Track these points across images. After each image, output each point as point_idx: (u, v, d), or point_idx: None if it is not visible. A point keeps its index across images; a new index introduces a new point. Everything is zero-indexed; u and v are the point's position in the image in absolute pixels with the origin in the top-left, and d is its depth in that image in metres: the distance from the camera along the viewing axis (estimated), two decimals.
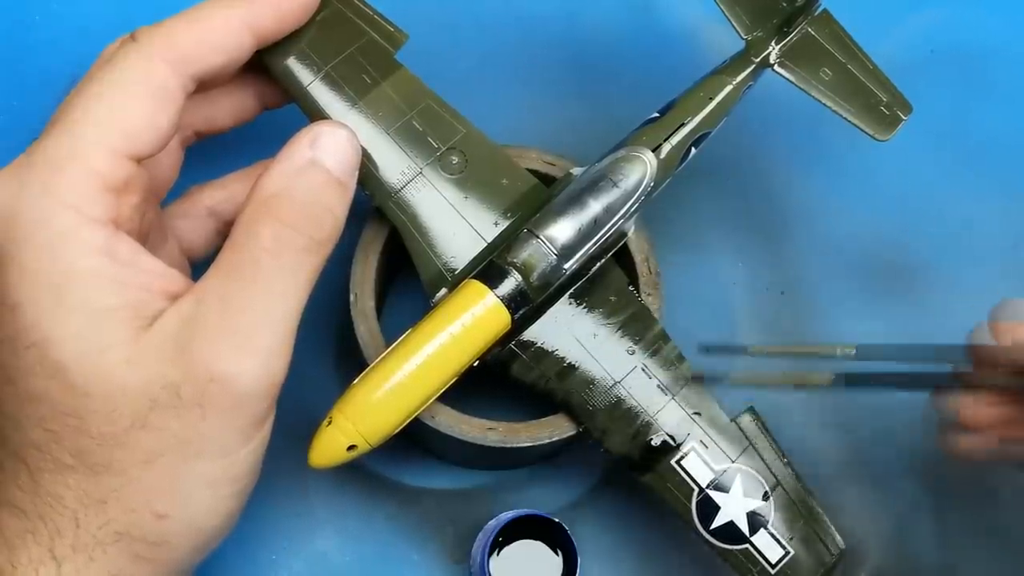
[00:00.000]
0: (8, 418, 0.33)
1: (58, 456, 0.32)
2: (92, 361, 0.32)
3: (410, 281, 0.43)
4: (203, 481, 0.33)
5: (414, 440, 0.45)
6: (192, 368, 0.32)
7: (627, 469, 0.40)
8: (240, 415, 0.33)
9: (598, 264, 0.41)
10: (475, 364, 0.38)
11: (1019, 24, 0.55)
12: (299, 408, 0.38)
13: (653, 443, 0.40)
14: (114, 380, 0.32)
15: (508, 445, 0.39)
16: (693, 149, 0.42)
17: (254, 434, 0.34)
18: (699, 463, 0.40)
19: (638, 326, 0.41)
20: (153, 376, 0.32)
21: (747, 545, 0.39)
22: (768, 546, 0.40)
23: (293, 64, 0.40)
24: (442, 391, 0.38)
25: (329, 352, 0.47)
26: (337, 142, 0.36)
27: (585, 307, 0.41)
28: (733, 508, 0.40)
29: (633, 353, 0.40)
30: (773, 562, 0.39)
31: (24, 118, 0.47)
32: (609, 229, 0.39)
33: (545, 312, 0.40)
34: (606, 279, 0.41)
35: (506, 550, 0.42)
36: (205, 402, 0.32)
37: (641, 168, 0.40)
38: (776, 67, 0.43)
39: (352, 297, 0.40)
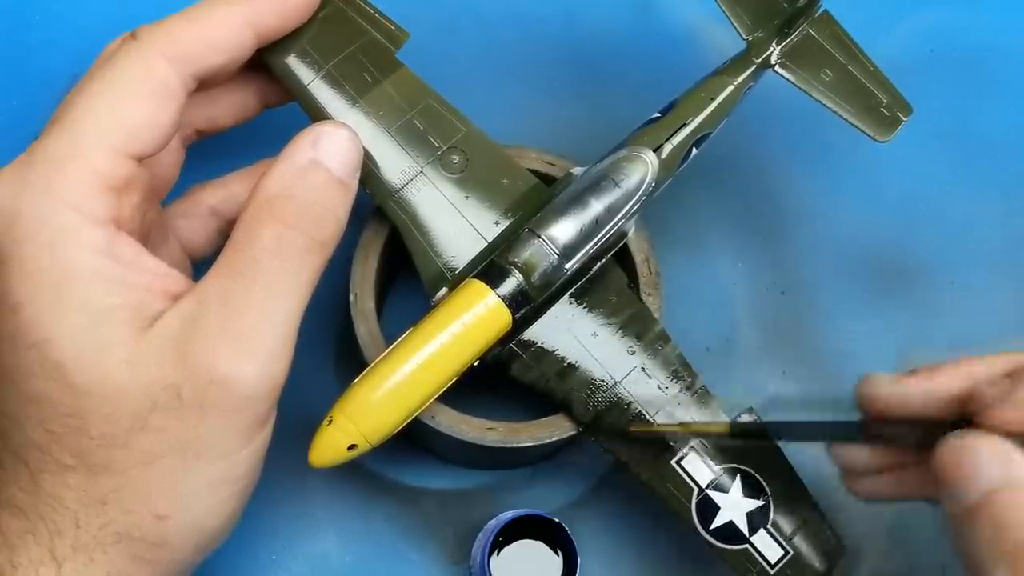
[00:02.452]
0: (9, 417, 0.33)
1: (58, 457, 0.32)
2: (92, 361, 0.31)
3: (410, 281, 0.43)
4: (203, 482, 0.33)
5: (414, 440, 0.45)
6: (193, 369, 0.32)
7: (624, 469, 0.40)
8: (241, 417, 0.33)
9: (599, 264, 0.41)
10: (475, 364, 0.38)
11: (1019, 24, 0.55)
12: (299, 408, 0.38)
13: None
14: (114, 380, 0.31)
15: (508, 445, 0.39)
16: (694, 149, 0.42)
17: (255, 435, 0.33)
18: (699, 463, 0.40)
19: (638, 326, 0.41)
20: (153, 377, 0.32)
21: (746, 545, 0.39)
22: (768, 546, 0.40)
23: (294, 62, 0.40)
24: (442, 391, 0.37)
25: (329, 352, 0.47)
26: (339, 142, 0.35)
27: (585, 307, 0.41)
28: (733, 508, 0.40)
29: (633, 353, 0.40)
30: (773, 562, 0.39)
31: (24, 118, 0.46)
32: (610, 229, 0.39)
33: (545, 312, 0.40)
34: (606, 279, 0.41)
35: (506, 550, 0.42)
36: (206, 404, 0.32)
37: (643, 168, 0.40)
38: (777, 68, 0.43)
39: (352, 297, 0.40)
